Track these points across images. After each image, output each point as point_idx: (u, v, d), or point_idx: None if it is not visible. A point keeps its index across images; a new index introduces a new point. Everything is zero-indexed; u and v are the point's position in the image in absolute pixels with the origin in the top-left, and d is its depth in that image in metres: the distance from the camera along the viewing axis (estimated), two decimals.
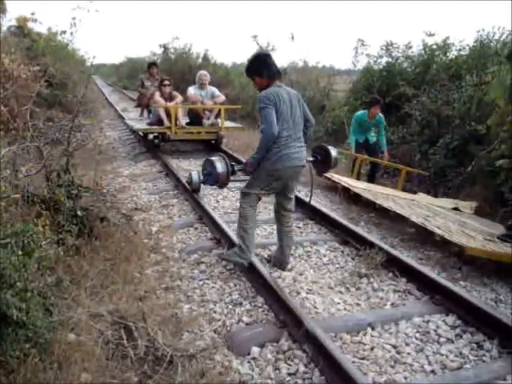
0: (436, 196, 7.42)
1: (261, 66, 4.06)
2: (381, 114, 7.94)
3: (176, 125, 9.24)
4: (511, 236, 4.95)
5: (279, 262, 4.43)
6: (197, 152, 10.22)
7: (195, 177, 6.32)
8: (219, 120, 9.63)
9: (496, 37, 9.40)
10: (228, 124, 10.36)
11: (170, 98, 9.69)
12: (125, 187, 7.05)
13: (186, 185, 6.63)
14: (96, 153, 8.23)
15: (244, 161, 4.45)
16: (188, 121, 9.87)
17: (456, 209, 6.47)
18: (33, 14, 12.28)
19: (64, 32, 4.55)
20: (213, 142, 10.23)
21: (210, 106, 9.69)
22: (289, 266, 4.45)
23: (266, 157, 3.98)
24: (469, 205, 6.70)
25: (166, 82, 9.78)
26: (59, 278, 3.22)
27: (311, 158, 5.00)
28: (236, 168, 4.39)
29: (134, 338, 2.95)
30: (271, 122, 3.85)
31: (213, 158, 4.30)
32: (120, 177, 7.77)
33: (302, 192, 6.86)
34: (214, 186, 4.85)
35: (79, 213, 4.15)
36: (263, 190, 4.14)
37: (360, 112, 8.14)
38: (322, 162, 4.90)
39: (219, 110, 9.60)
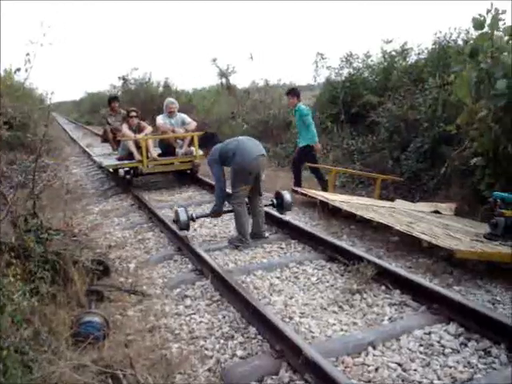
0: (413, 201, 7.35)
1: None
2: (301, 105, 7.93)
3: (147, 157, 8.77)
4: (497, 234, 4.85)
5: (258, 232, 5.67)
6: (168, 182, 10.01)
7: (182, 214, 5.64)
8: (193, 148, 8.99)
9: (453, 37, 9.51)
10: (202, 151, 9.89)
11: (139, 130, 9.28)
12: (97, 225, 6.78)
13: (171, 224, 5.98)
14: (64, 192, 7.94)
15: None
16: (160, 152, 9.37)
17: (436, 212, 6.40)
18: None
19: (18, 70, 4.31)
20: (188, 171, 9.62)
21: (181, 135, 9.21)
22: (277, 289, 4.32)
23: (235, 163, 5.31)
24: (448, 206, 6.63)
25: (133, 114, 9.37)
26: (36, 330, 3.06)
27: (269, 203, 6.24)
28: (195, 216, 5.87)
29: None
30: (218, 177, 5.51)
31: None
32: (91, 214, 7.50)
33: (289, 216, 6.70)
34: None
35: (50, 258, 3.92)
36: (245, 185, 5.38)
37: None
38: (279, 205, 6.17)
39: (192, 138, 8.96)
